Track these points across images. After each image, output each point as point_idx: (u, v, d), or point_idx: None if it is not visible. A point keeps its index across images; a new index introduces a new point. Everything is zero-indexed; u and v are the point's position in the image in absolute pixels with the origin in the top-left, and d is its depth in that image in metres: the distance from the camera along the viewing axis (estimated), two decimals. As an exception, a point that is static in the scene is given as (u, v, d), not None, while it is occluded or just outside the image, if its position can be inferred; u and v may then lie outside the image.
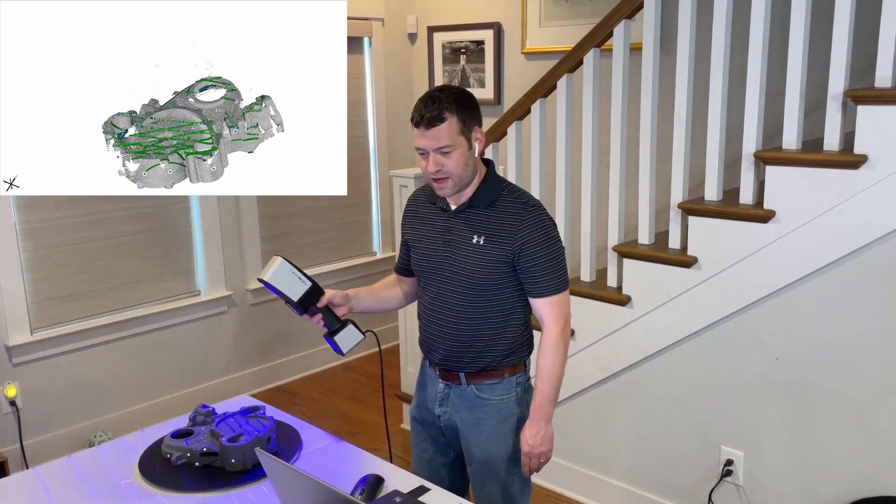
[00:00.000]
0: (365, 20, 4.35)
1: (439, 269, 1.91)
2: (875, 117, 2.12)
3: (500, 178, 1.91)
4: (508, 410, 1.94)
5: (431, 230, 1.94)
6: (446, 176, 1.80)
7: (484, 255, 1.84)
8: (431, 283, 1.94)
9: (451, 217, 1.90)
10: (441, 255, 1.91)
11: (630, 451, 2.83)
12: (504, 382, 1.94)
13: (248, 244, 4.03)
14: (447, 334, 1.92)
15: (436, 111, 1.75)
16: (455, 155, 1.78)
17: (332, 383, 4.27)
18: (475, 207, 1.86)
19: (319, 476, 1.27)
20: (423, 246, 1.96)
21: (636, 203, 2.72)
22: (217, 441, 1.76)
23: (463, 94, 1.81)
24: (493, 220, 1.85)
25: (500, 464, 1.94)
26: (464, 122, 1.79)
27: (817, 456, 2.38)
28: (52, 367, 3.36)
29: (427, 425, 2.04)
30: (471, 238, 1.86)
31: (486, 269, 1.84)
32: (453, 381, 1.95)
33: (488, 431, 1.92)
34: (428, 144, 1.78)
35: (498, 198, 1.86)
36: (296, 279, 1.80)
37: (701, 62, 2.54)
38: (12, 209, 3.18)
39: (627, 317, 2.72)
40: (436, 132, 1.76)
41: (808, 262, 2.28)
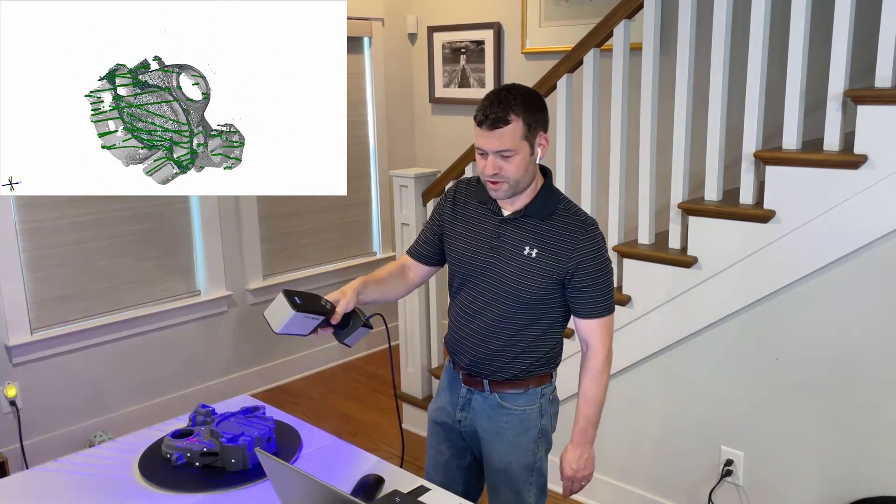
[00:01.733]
0: (365, 20, 4.35)
1: (481, 273, 1.84)
2: (875, 117, 2.12)
3: (556, 191, 1.84)
4: (531, 421, 1.90)
5: (478, 231, 1.85)
6: (503, 180, 1.72)
7: (534, 268, 1.77)
8: (469, 286, 1.87)
9: (503, 223, 1.82)
10: (485, 260, 1.83)
11: (630, 450, 2.83)
12: (529, 393, 1.89)
13: (248, 244, 4.03)
14: (477, 340, 1.86)
15: (501, 112, 1.66)
16: (516, 160, 1.70)
17: (332, 383, 4.27)
18: (530, 218, 1.79)
19: (319, 476, 1.27)
20: (465, 246, 1.87)
21: (636, 203, 2.72)
22: (217, 441, 1.76)
23: (532, 96, 1.72)
24: (548, 233, 1.77)
25: (517, 473, 1.91)
26: (529, 126, 1.70)
27: (817, 456, 2.38)
28: (52, 367, 3.36)
29: (446, 428, 1.99)
30: (522, 249, 1.78)
31: (534, 284, 1.78)
32: (477, 386, 1.90)
33: (508, 441, 1.89)
34: (489, 146, 1.69)
35: (555, 211, 1.79)
36: (307, 320, 1.67)
37: (701, 62, 2.54)
38: (12, 209, 3.18)
39: (627, 317, 2.72)
40: (499, 134, 1.67)
41: (808, 262, 2.28)
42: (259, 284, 4.08)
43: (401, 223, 3.43)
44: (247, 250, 4.03)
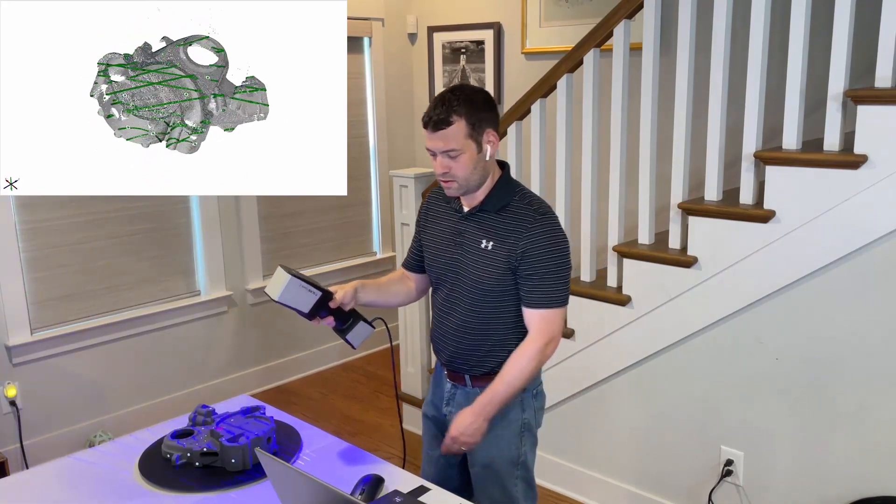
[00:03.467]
0: (365, 20, 4.35)
1: (449, 270, 1.90)
2: (875, 117, 2.12)
3: (514, 183, 1.88)
4: (513, 415, 1.92)
5: (444, 230, 1.93)
6: (452, 178, 1.78)
7: (491, 260, 1.82)
8: (442, 284, 1.94)
9: (463, 219, 1.88)
10: (451, 256, 1.89)
11: (630, 450, 2.83)
12: None
13: (248, 244, 4.03)
14: (454, 336, 1.91)
15: (443, 114, 1.72)
16: (462, 158, 1.75)
17: (332, 383, 4.27)
18: (486, 212, 1.84)
19: (319, 476, 1.27)
20: (435, 246, 1.95)
21: (636, 203, 2.72)
22: (217, 441, 1.76)
23: (476, 95, 1.76)
24: (502, 225, 1.82)
25: (502, 467, 1.93)
26: (473, 126, 1.74)
27: (817, 456, 2.38)
28: (52, 367, 3.36)
29: (437, 423, 2.04)
30: (480, 242, 1.84)
31: (493, 276, 1.82)
32: (459, 381, 1.95)
33: (491, 435, 1.90)
34: (435, 146, 1.76)
35: (509, 203, 1.83)
36: (305, 292, 1.75)
37: (701, 62, 2.54)
38: (12, 209, 3.18)
39: (627, 317, 2.72)
40: (442, 135, 1.73)
41: (808, 262, 2.28)
42: (259, 284, 4.08)
43: (401, 223, 3.43)
44: (247, 250, 4.03)
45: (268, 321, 4.17)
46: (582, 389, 2.90)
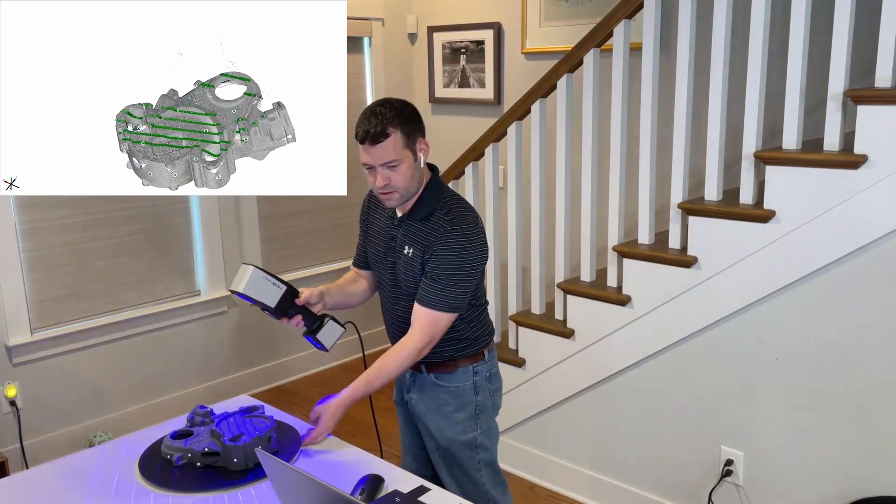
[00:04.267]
0: (365, 20, 4.35)
1: (386, 272, 2.00)
2: (875, 117, 2.12)
3: (440, 190, 1.93)
4: (466, 397, 2.01)
5: (381, 235, 2.01)
6: (393, 189, 1.83)
7: (412, 266, 1.90)
8: (382, 283, 2.04)
9: (395, 226, 1.95)
10: (386, 259, 1.99)
11: (630, 450, 2.83)
12: (460, 371, 2.00)
13: (248, 244, 4.03)
14: (399, 332, 2.00)
15: (379, 126, 1.77)
16: (402, 168, 1.81)
17: (332, 383, 4.26)
18: (413, 220, 1.91)
19: (319, 476, 1.27)
20: (374, 247, 2.04)
21: (636, 203, 2.72)
22: (219, 440, 1.76)
23: (404, 107, 1.83)
24: (422, 233, 1.89)
25: (461, 451, 2.01)
26: (408, 136, 1.81)
27: (817, 456, 2.38)
28: (52, 367, 3.36)
29: (403, 407, 2.15)
30: (404, 249, 1.92)
31: (416, 280, 1.90)
32: (416, 369, 2.03)
33: (446, 416, 2.00)
34: (374, 160, 1.80)
35: (433, 211, 1.89)
36: (270, 285, 1.79)
37: (701, 62, 2.54)
38: (12, 209, 3.18)
39: (627, 317, 2.72)
40: (380, 148, 1.78)
41: (808, 262, 2.28)
42: (259, 284, 4.07)
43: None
44: (247, 250, 4.03)
45: (267, 321, 4.17)
46: (582, 389, 2.90)
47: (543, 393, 3.01)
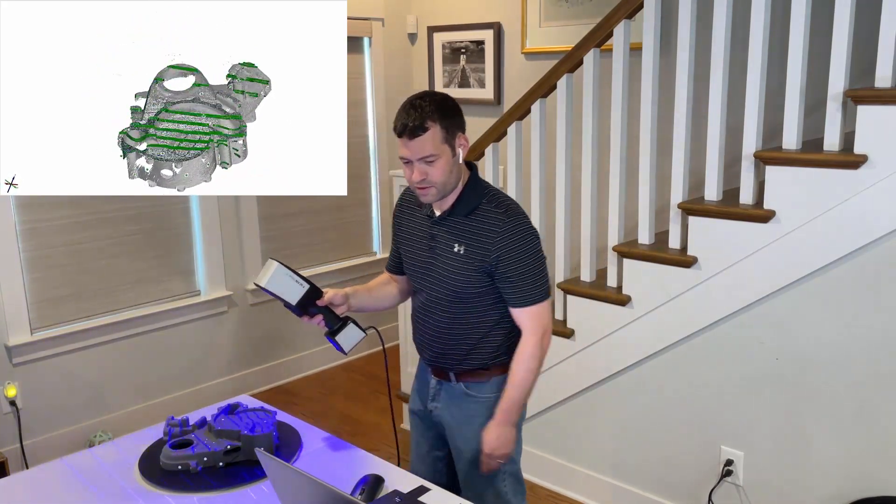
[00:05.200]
0: (365, 20, 4.35)
1: (425, 274, 1.92)
2: (875, 117, 2.12)
3: (482, 185, 1.89)
4: (497, 408, 1.93)
5: (418, 235, 1.95)
6: (430, 185, 1.79)
7: (464, 264, 1.84)
8: (419, 287, 1.96)
9: (435, 224, 1.90)
10: (426, 261, 1.92)
11: (630, 450, 2.83)
12: (493, 381, 1.94)
13: (248, 244, 4.03)
14: (435, 336, 1.94)
15: (418, 120, 1.73)
16: (439, 163, 1.77)
17: (332, 383, 4.27)
18: (457, 216, 1.86)
19: (319, 476, 1.27)
20: (410, 250, 1.97)
21: (636, 203, 2.72)
22: (237, 435, 1.77)
23: (445, 101, 1.79)
24: (472, 228, 1.84)
25: None
26: (447, 130, 1.77)
27: (817, 456, 2.38)
28: (52, 367, 3.36)
29: (422, 417, 2.07)
30: (452, 247, 1.86)
31: (467, 279, 1.85)
32: (444, 377, 1.98)
33: (476, 428, 1.93)
34: (412, 154, 1.76)
35: (479, 205, 1.84)
36: (293, 282, 1.78)
37: (701, 62, 2.54)
38: (12, 209, 3.18)
39: (627, 317, 2.72)
40: (419, 142, 1.74)
41: (808, 262, 2.28)
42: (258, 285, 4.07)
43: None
44: (247, 250, 4.03)
45: (268, 321, 4.17)
46: (582, 389, 2.90)
47: (543, 393, 3.01)
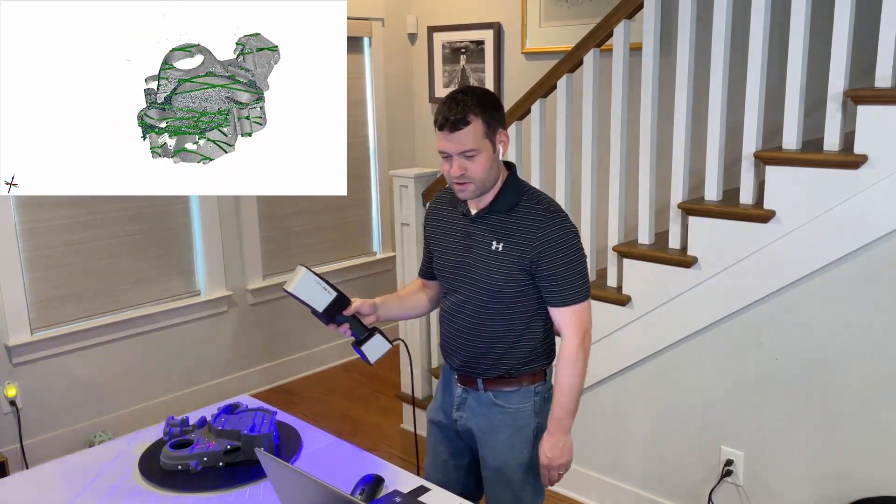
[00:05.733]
0: (365, 20, 4.35)
1: (459, 274, 1.88)
2: (875, 117, 2.12)
3: (521, 183, 1.86)
4: (525, 419, 1.90)
5: (452, 235, 1.90)
6: (469, 180, 1.75)
7: (503, 262, 1.80)
8: (453, 288, 1.91)
9: (472, 222, 1.85)
10: (461, 260, 1.87)
11: (630, 450, 2.83)
12: (522, 391, 1.90)
13: (248, 244, 4.03)
14: (466, 339, 1.89)
15: (460, 114, 1.69)
16: (480, 159, 1.73)
17: (332, 383, 4.27)
18: (495, 213, 1.82)
19: (319, 476, 1.27)
20: (443, 250, 1.93)
21: (636, 203, 2.72)
22: (238, 434, 1.77)
23: (487, 95, 1.75)
24: (512, 226, 1.80)
25: (514, 472, 1.91)
26: (488, 125, 1.73)
27: (817, 456, 2.38)
28: (52, 367, 3.36)
29: (443, 428, 2.01)
30: (490, 244, 1.82)
31: (505, 277, 1.80)
32: (471, 385, 1.92)
33: (504, 439, 1.89)
34: (452, 148, 1.72)
35: (518, 203, 1.81)
36: (320, 289, 1.76)
37: (701, 62, 2.54)
38: (12, 209, 3.18)
39: (627, 317, 2.72)
40: (460, 135, 1.70)
41: (808, 262, 2.28)
42: (259, 284, 4.08)
43: (401, 223, 3.42)
44: (247, 250, 4.03)
45: (268, 321, 4.17)
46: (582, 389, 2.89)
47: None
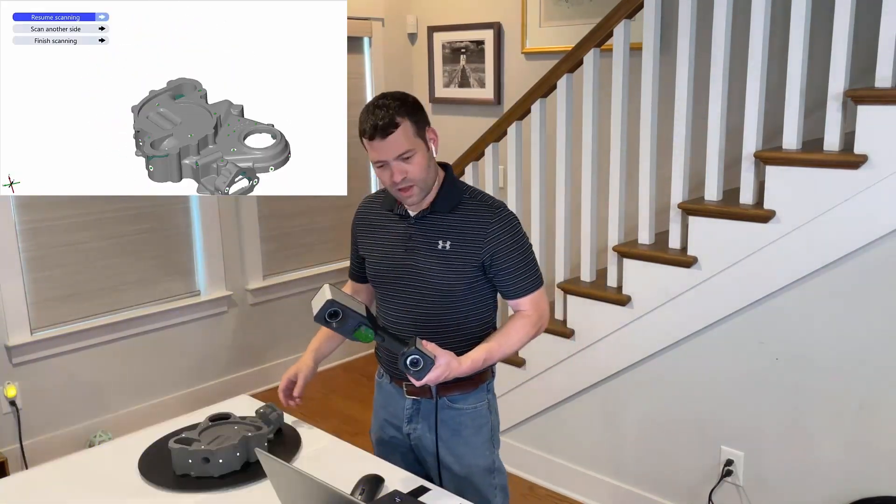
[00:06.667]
0: (365, 20, 4.35)
1: (402, 278, 1.83)
2: (875, 117, 2.12)
3: (460, 182, 1.87)
4: (482, 419, 1.88)
5: (390, 238, 1.86)
6: (412, 184, 1.73)
7: (451, 260, 1.78)
8: (393, 294, 1.86)
9: (412, 224, 1.83)
10: (404, 263, 1.83)
11: (630, 450, 2.83)
12: (476, 391, 1.87)
13: (248, 244, 4.03)
14: None
15: (387, 118, 1.68)
16: (416, 159, 1.72)
17: (332, 383, 4.27)
18: (438, 213, 1.80)
19: (319, 476, 1.27)
20: (380, 255, 1.88)
21: (636, 203, 2.72)
22: (237, 434, 1.79)
23: (407, 97, 1.75)
24: (458, 224, 1.79)
25: (479, 478, 1.88)
26: (416, 124, 1.73)
27: (817, 456, 2.38)
28: (52, 367, 3.36)
29: (395, 444, 1.95)
30: (435, 244, 1.79)
31: (456, 274, 1.78)
32: (423, 394, 1.86)
33: (465, 443, 1.86)
34: (387, 154, 1.70)
35: (461, 201, 1.81)
36: (352, 300, 1.61)
37: (701, 62, 2.54)
38: (12, 209, 3.18)
39: (627, 317, 2.72)
40: (392, 139, 1.69)
41: (808, 262, 2.28)
42: (259, 284, 4.08)
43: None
44: (247, 250, 4.03)
45: (268, 321, 4.17)
46: (582, 389, 2.90)
47: (543, 393, 3.01)
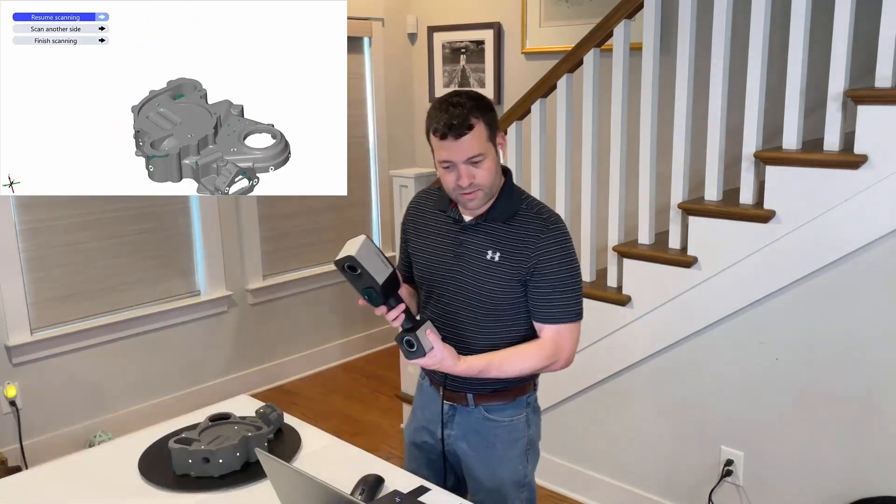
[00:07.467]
0: (365, 20, 4.35)
1: (448, 283, 1.77)
2: (875, 117, 2.12)
3: (519, 190, 1.78)
4: (519, 433, 1.83)
5: (440, 241, 1.80)
6: (478, 188, 1.65)
7: (498, 272, 1.70)
8: (437, 296, 1.80)
9: (464, 230, 1.75)
10: (450, 268, 1.77)
11: (630, 450, 2.83)
12: (514, 403, 1.82)
13: (248, 244, 4.03)
14: None
15: (462, 118, 1.59)
16: (486, 164, 1.63)
17: (332, 383, 4.27)
18: (492, 221, 1.72)
19: (319, 476, 1.27)
20: (429, 256, 1.82)
21: (636, 203, 2.72)
22: (237, 434, 1.79)
23: (482, 98, 1.67)
24: (510, 235, 1.71)
25: (508, 491, 1.83)
26: (490, 128, 1.64)
27: (817, 456, 2.38)
28: (52, 367, 3.36)
29: (427, 449, 1.91)
30: (485, 254, 1.71)
31: (501, 287, 1.71)
32: (459, 401, 1.82)
33: (499, 456, 1.81)
34: (458, 156, 1.61)
35: (517, 212, 1.72)
36: (379, 261, 1.60)
37: (701, 62, 2.54)
38: (12, 209, 3.18)
39: (627, 317, 2.72)
40: (466, 141, 1.60)
41: (808, 262, 2.28)
42: (259, 284, 4.08)
43: (401, 223, 3.42)
44: (247, 250, 4.03)
45: (268, 321, 4.17)
46: (582, 389, 2.90)
47: (543, 393, 2.98)
